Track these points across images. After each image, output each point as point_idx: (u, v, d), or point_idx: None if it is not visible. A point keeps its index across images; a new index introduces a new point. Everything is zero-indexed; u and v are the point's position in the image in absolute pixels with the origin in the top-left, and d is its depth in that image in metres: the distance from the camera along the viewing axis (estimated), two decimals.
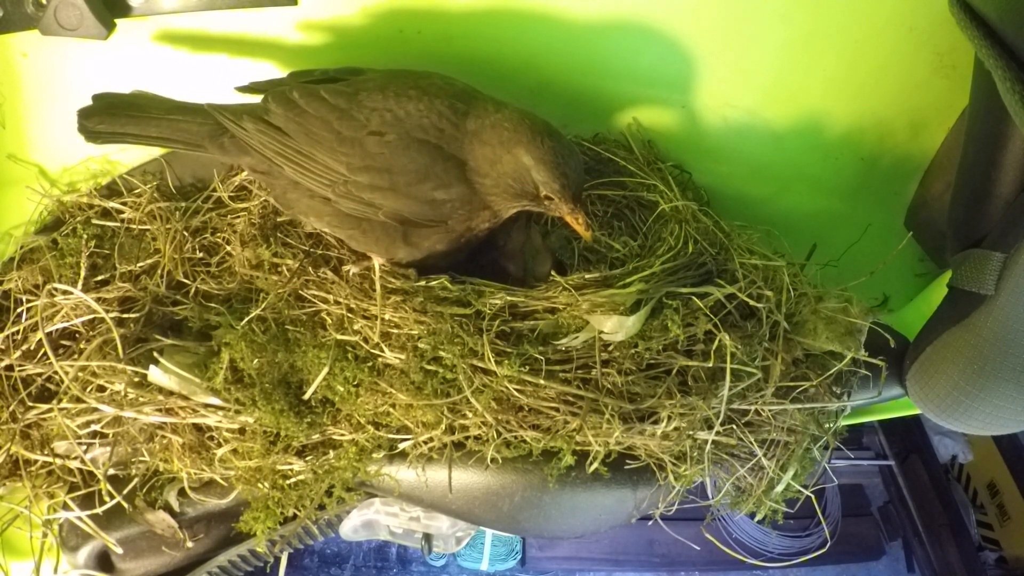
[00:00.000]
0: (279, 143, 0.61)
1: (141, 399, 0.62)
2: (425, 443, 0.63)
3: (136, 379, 0.62)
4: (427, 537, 0.87)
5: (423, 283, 0.63)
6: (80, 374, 0.63)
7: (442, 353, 0.59)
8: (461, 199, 0.62)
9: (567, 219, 0.63)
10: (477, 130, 0.60)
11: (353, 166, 0.60)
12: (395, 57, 0.71)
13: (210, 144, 0.63)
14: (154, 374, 0.61)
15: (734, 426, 0.65)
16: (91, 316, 0.66)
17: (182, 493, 0.65)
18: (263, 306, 0.63)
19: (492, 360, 0.59)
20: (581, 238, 0.66)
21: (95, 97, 0.64)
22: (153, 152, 0.75)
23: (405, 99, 0.61)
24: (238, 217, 0.72)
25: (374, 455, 0.64)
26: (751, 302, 0.66)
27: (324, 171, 0.61)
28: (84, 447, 0.64)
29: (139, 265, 0.70)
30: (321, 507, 0.66)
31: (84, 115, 0.63)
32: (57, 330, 0.67)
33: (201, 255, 0.71)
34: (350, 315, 0.63)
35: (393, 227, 0.62)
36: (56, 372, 0.63)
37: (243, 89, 0.66)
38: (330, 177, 0.61)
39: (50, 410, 0.64)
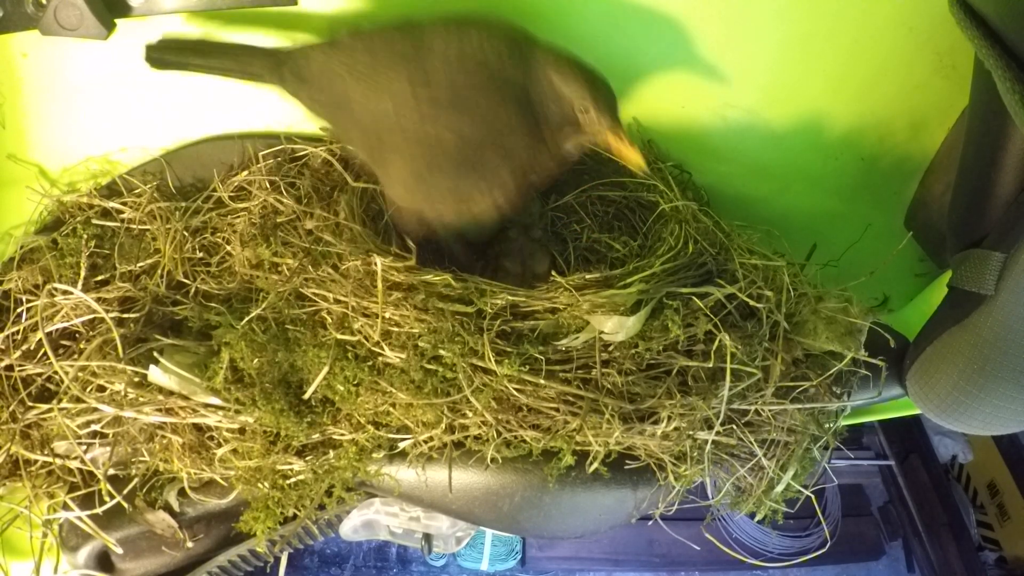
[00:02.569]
0: (346, 57, 0.61)
1: (141, 399, 0.62)
2: (425, 442, 0.63)
3: (136, 379, 0.62)
4: (427, 537, 0.87)
5: (429, 276, 0.63)
6: (80, 374, 0.63)
7: (442, 352, 0.59)
8: (520, 128, 0.62)
9: (611, 141, 0.62)
10: (529, 67, 0.61)
11: (415, 79, 0.60)
12: None
13: (270, 75, 0.64)
14: (154, 374, 0.61)
15: (734, 426, 0.65)
16: (91, 316, 0.66)
17: (182, 493, 0.65)
18: (263, 306, 0.63)
19: (492, 359, 0.59)
20: (580, 238, 0.66)
21: (161, 39, 0.65)
22: (153, 152, 0.75)
23: (469, 28, 0.61)
24: (238, 217, 0.72)
25: (374, 455, 0.64)
26: (751, 302, 0.66)
27: (388, 82, 0.60)
28: (84, 447, 0.64)
29: (139, 265, 0.70)
30: (321, 507, 0.66)
31: (151, 48, 0.65)
32: (57, 330, 0.67)
33: (201, 255, 0.71)
34: (352, 314, 0.63)
35: (459, 154, 0.62)
36: (56, 372, 0.63)
37: None
38: (392, 88, 0.60)
39: (50, 410, 0.64)
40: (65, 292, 0.66)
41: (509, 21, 0.64)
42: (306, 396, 0.62)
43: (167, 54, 0.65)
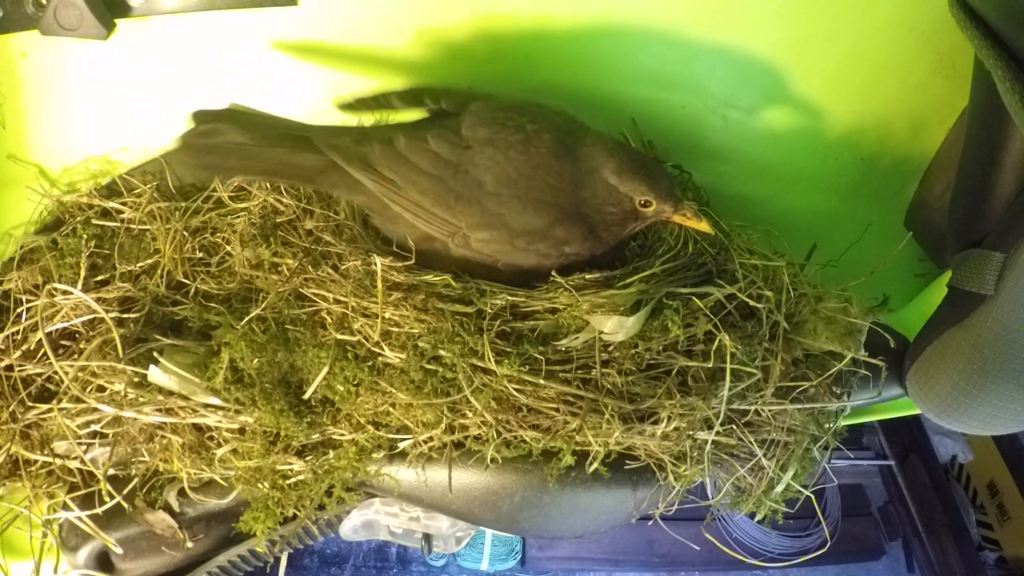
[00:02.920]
0: (393, 192, 0.62)
1: (141, 399, 0.62)
2: (425, 442, 0.63)
3: (136, 379, 0.62)
4: (427, 537, 0.87)
5: (429, 276, 0.63)
6: (80, 374, 0.63)
7: (442, 352, 0.59)
8: (581, 248, 0.63)
9: (676, 219, 0.64)
10: (582, 172, 0.62)
11: (472, 223, 0.62)
12: (396, 57, 0.71)
13: (321, 180, 0.64)
14: (154, 374, 0.61)
15: (734, 426, 0.65)
16: (91, 316, 0.66)
17: (182, 493, 0.65)
18: (263, 306, 0.63)
19: (492, 359, 0.59)
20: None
21: (195, 115, 0.65)
22: (153, 152, 0.75)
23: (514, 151, 0.61)
24: (238, 217, 0.72)
25: (374, 455, 0.64)
26: (751, 302, 0.66)
27: (442, 223, 0.62)
28: (84, 447, 0.64)
29: (139, 265, 0.70)
30: (321, 507, 0.66)
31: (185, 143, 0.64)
32: (57, 330, 0.67)
33: (201, 255, 0.71)
34: (352, 314, 0.63)
35: (512, 275, 0.64)
36: (56, 372, 0.63)
37: (347, 107, 0.67)
38: (449, 229, 0.62)
39: (50, 410, 0.64)
40: (65, 292, 0.66)
41: (555, 114, 0.65)
42: (306, 396, 0.61)
43: (207, 158, 0.65)
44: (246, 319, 0.62)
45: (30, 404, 0.65)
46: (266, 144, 0.64)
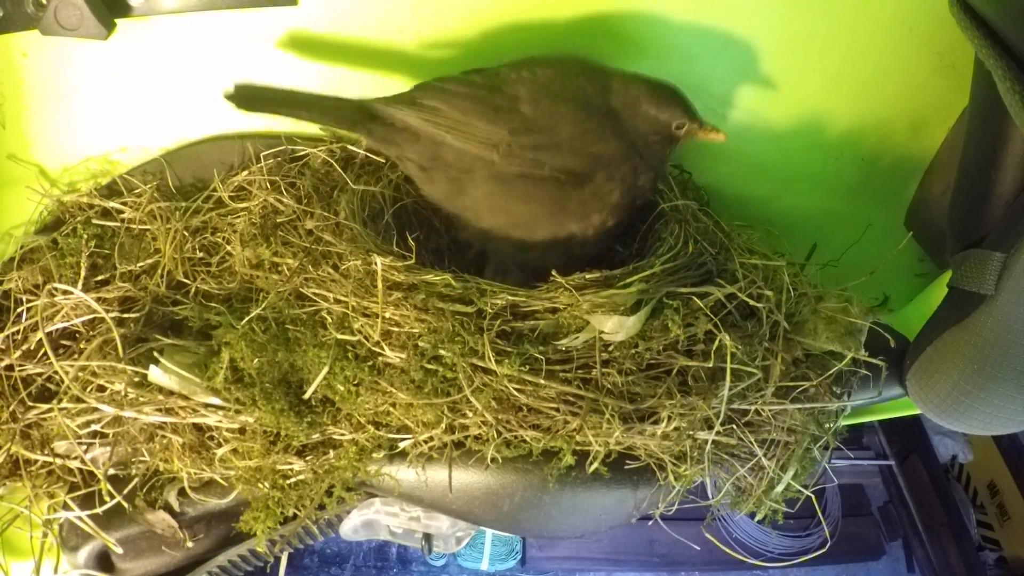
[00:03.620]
0: (437, 117, 0.65)
1: (141, 399, 0.62)
2: (425, 442, 0.63)
3: (136, 379, 0.62)
4: (427, 537, 0.87)
5: (429, 276, 0.64)
6: (80, 374, 0.63)
7: (442, 352, 0.59)
8: (621, 153, 0.66)
9: (700, 136, 0.69)
10: (618, 107, 0.66)
11: (515, 129, 0.64)
12: (395, 57, 0.71)
13: (359, 128, 0.67)
14: (154, 374, 0.61)
15: (734, 426, 0.65)
16: (91, 316, 0.66)
17: (182, 493, 0.65)
18: (263, 305, 0.63)
19: (492, 359, 0.59)
20: None
21: (238, 87, 0.67)
22: (153, 152, 0.75)
23: (544, 70, 0.66)
24: (238, 217, 0.72)
25: (374, 455, 0.64)
26: (751, 302, 0.66)
27: (486, 135, 0.64)
28: (84, 447, 0.64)
29: (139, 265, 0.70)
30: (321, 507, 0.66)
31: (239, 90, 0.67)
32: (57, 330, 0.67)
33: (201, 255, 0.71)
34: (352, 314, 0.63)
35: (560, 191, 0.66)
36: (56, 372, 0.63)
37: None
38: (493, 140, 0.64)
39: (50, 410, 0.64)
40: (65, 292, 0.66)
41: (577, 56, 0.68)
42: (306, 396, 0.61)
43: (255, 103, 0.68)
44: (246, 319, 0.62)
45: (30, 404, 0.65)
46: (310, 101, 0.68)
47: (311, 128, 0.76)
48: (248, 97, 0.67)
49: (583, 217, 0.68)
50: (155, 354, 0.62)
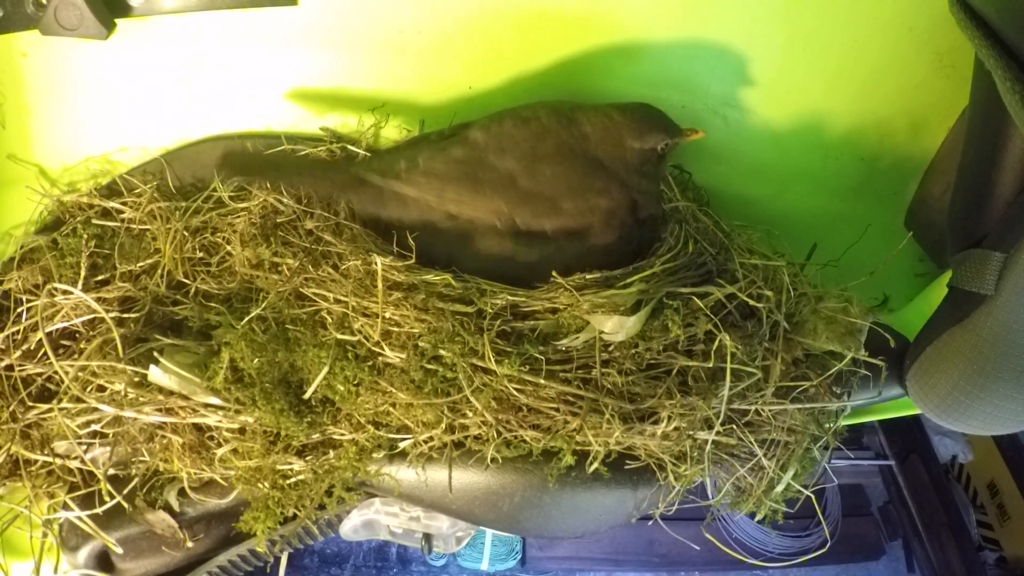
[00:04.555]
0: (433, 195, 0.65)
1: (141, 399, 0.62)
2: (425, 442, 0.63)
3: (136, 379, 0.62)
4: (427, 537, 0.87)
5: (429, 276, 0.64)
6: (80, 374, 0.63)
7: (442, 352, 0.59)
8: (619, 199, 0.66)
9: (684, 143, 0.69)
10: (599, 150, 0.66)
11: (512, 202, 0.64)
12: (396, 57, 0.71)
13: (352, 193, 0.68)
14: (154, 374, 0.61)
15: (734, 426, 0.65)
16: (91, 316, 0.66)
17: (182, 493, 0.65)
18: (263, 306, 0.63)
19: (492, 359, 0.59)
20: None
21: (227, 155, 0.70)
22: (153, 152, 0.75)
23: (519, 130, 0.66)
24: (238, 217, 0.72)
25: (374, 455, 0.64)
26: (751, 302, 0.66)
27: (485, 211, 0.64)
28: (84, 447, 0.64)
29: (139, 265, 0.70)
30: (321, 507, 0.66)
31: (222, 166, 0.69)
32: (57, 330, 0.67)
33: (201, 255, 0.71)
34: (352, 314, 0.63)
35: (560, 249, 0.66)
36: (56, 372, 0.63)
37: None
38: (492, 209, 0.64)
39: (50, 410, 0.64)
40: (65, 292, 0.66)
41: (545, 102, 0.68)
42: (306, 396, 0.62)
43: (243, 170, 0.70)
44: (246, 319, 0.62)
45: (30, 404, 0.65)
46: (304, 165, 0.70)
47: (311, 128, 0.76)
48: (237, 165, 0.68)
49: (583, 269, 0.67)
50: (155, 354, 0.62)
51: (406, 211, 0.67)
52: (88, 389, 0.63)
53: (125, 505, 0.63)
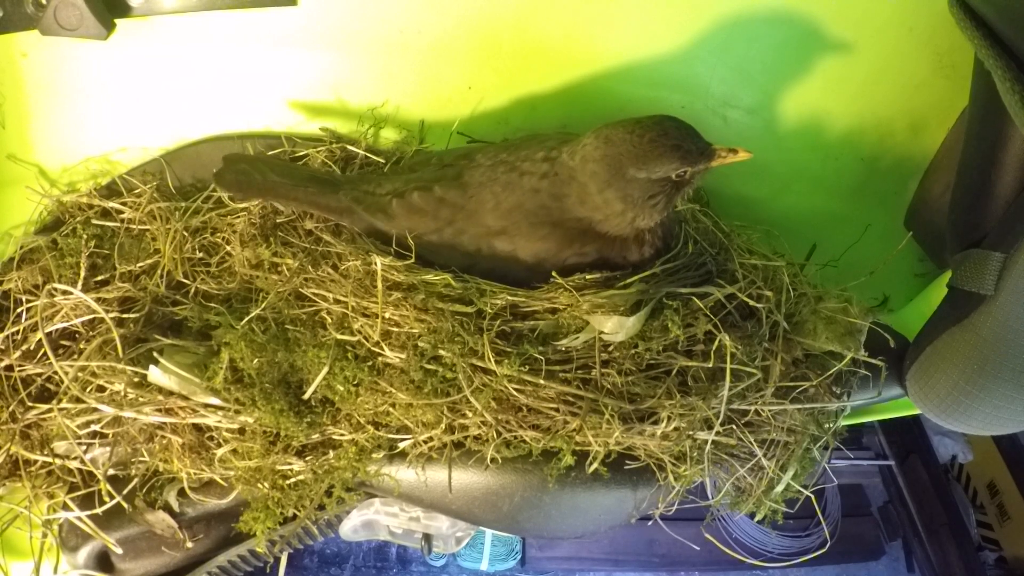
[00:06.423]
0: (417, 230, 0.65)
1: (141, 399, 0.62)
2: (425, 442, 0.63)
3: (136, 379, 0.62)
4: (427, 537, 0.87)
5: (429, 276, 0.64)
6: (80, 374, 0.63)
7: (442, 352, 0.59)
8: (601, 253, 0.64)
9: (716, 166, 0.61)
10: (573, 175, 0.62)
11: (491, 246, 0.64)
12: (396, 57, 0.71)
13: (345, 218, 0.68)
14: (154, 374, 0.61)
15: (734, 426, 0.65)
16: (91, 316, 0.66)
17: (182, 493, 0.65)
18: (263, 306, 0.63)
19: (492, 359, 0.59)
20: None
21: (226, 159, 0.69)
22: (153, 152, 0.75)
23: (503, 186, 0.64)
24: (238, 217, 0.72)
25: (374, 455, 0.64)
26: (751, 302, 0.66)
27: (467, 244, 0.64)
28: (84, 447, 0.64)
29: (139, 265, 0.70)
30: (321, 507, 0.66)
31: (219, 178, 0.68)
32: (57, 330, 0.67)
33: (201, 255, 0.71)
34: (352, 314, 0.63)
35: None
36: (56, 372, 0.63)
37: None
38: (474, 248, 0.64)
39: (50, 410, 0.64)
40: (65, 292, 0.66)
41: (546, 142, 0.66)
42: (306, 396, 0.62)
43: (241, 189, 0.68)
44: (246, 319, 0.62)
45: (30, 404, 0.65)
46: (299, 184, 0.68)
47: (311, 128, 0.76)
48: (235, 183, 0.67)
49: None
50: (155, 354, 0.62)
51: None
52: (88, 389, 0.63)
53: (125, 505, 0.63)
